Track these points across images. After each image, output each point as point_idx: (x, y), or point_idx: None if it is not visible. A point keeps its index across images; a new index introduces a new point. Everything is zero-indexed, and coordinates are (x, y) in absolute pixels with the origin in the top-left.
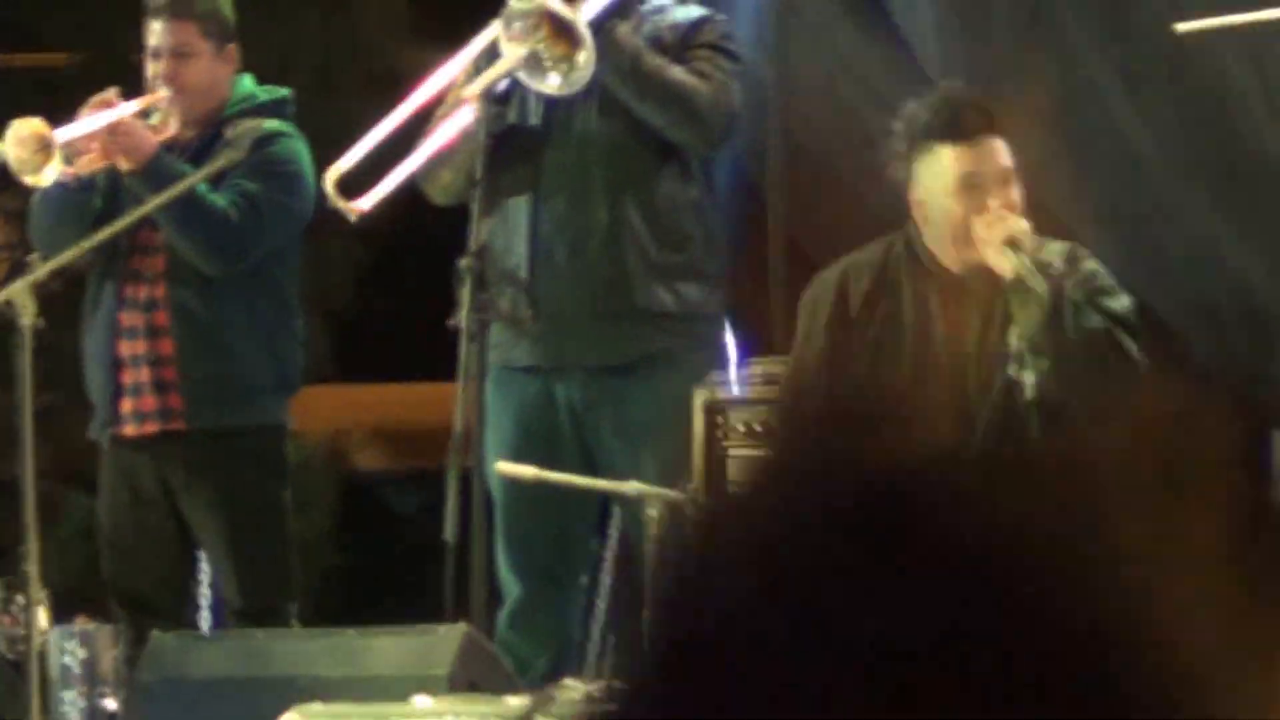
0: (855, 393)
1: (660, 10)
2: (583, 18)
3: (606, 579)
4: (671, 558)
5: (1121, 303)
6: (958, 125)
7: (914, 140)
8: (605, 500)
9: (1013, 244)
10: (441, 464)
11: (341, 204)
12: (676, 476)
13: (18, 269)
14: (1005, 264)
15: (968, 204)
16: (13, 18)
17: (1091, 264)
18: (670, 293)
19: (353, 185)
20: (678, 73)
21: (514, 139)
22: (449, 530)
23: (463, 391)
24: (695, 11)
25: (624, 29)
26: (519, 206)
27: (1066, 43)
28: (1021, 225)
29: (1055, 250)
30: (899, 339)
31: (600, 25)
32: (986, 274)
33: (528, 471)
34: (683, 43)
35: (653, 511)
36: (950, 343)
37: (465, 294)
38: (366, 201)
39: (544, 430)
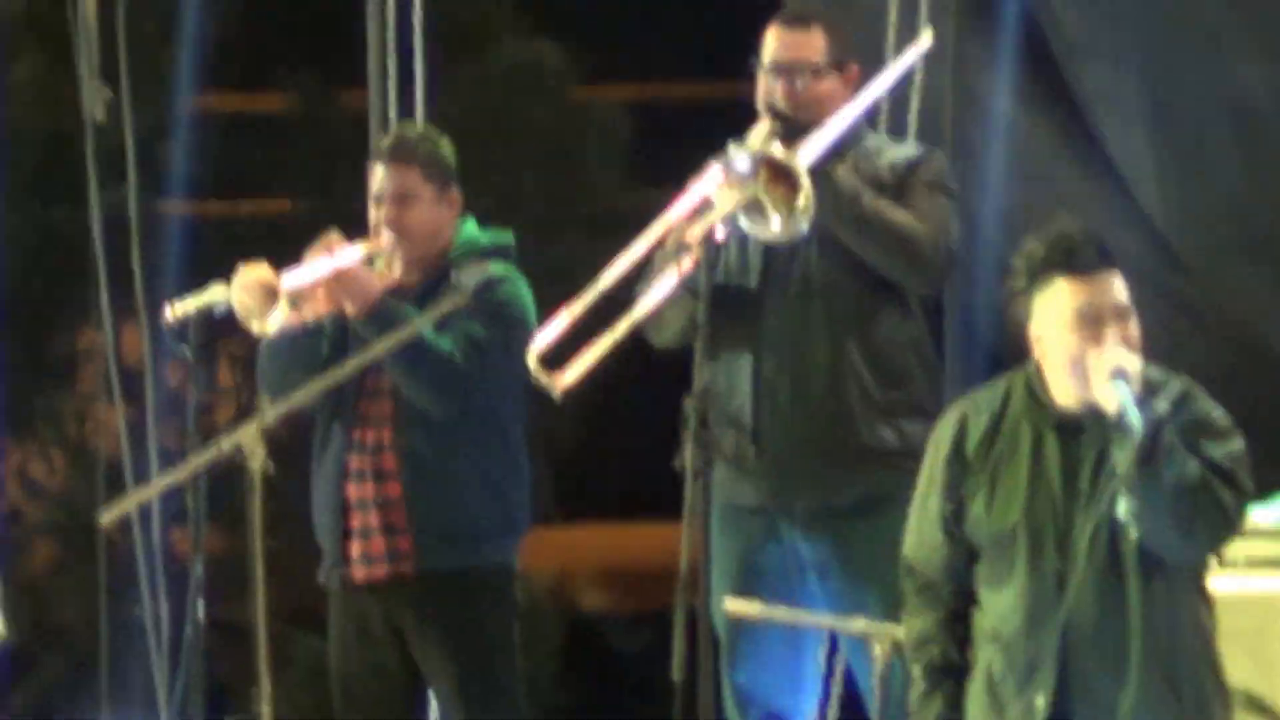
0: None
1: (877, 149)
2: (801, 161)
3: (833, 716)
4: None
5: (1228, 449)
6: (1075, 259)
7: (1033, 275)
8: (832, 637)
9: (1120, 376)
10: (667, 603)
11: (545, 380)
12: (894, 613)
13: (245, 413)
14: (1110, 397)
15: (1084, 338)
16: (237, 165)
17: (1205, 405)
18: (893, 430)
19: (559, 352)
20: (896, 213)
21: (735, 281)
22: (676, 669)
23: (688, 531)
24: (912, 150)
25: (842, 170)
26: (741, 348)
27: None
28: (1133, 361)
29: (1170, 388)
30: (1015, 480)
31: (819, 168)
32: (1100, 410)
33: (754, 609)
34: (900, 182)
35: (878, 648)
36: (1064, 482)
37: (690, 434)
38: (571, 375)
39: (769, 568)
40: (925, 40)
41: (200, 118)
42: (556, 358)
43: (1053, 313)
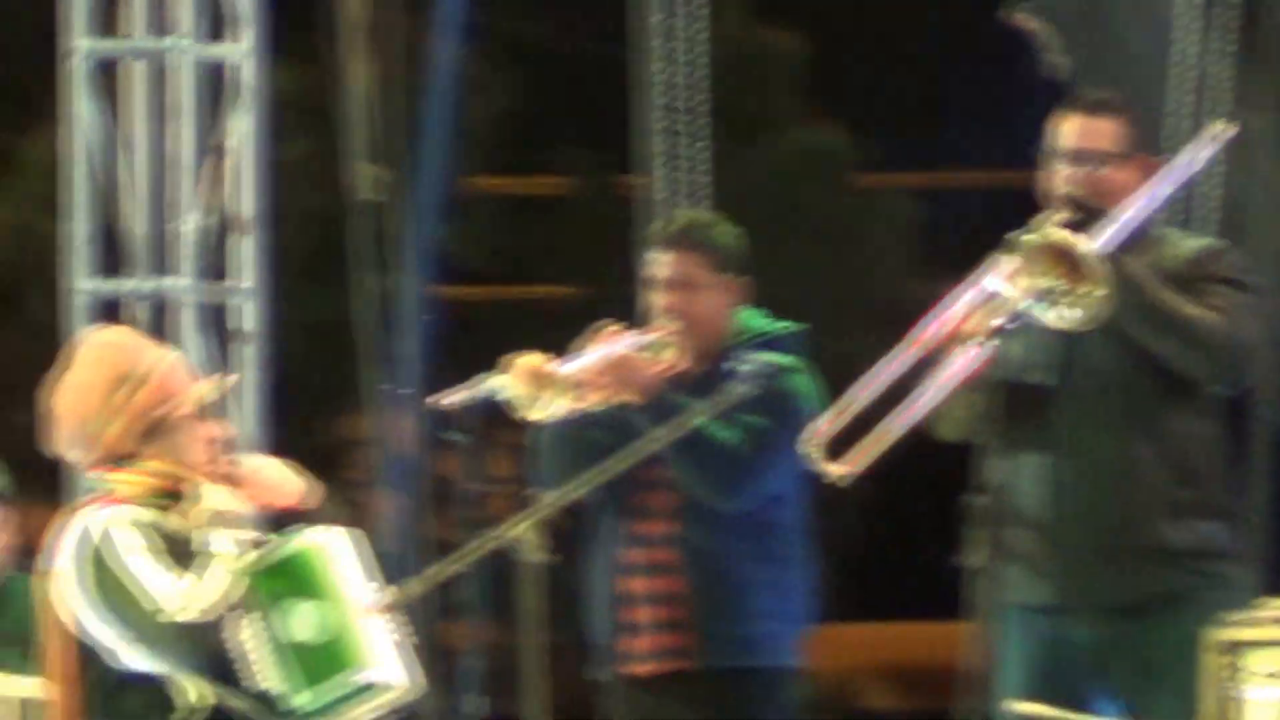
0: None
1: (1170, 241)
2: (1093, 250)
3: None
4: None
5: None
6: None
7: None
8: None
9: None
10: (951, 704)
11: (826, 468)
12: (1192, 717)
13: (520, 504)
14: None
15: None
16: (511, 249)
17: None
18: (1187, 530)
19: (843, 441)
20: (1188, 306)
21: (1023, 376)
22: None
23: (972, 631)
24: (1205, 242)
25: (1133, 262)
26: (1030, 445)
27: None
28: None
29: None
30: None
31: (1115, 258)
32: None
33: (1042, 711)
34: (1193, 275)
35: None
36: None
37: (977, 532)
38: (852, 464)
39: (1058, 670)
40: (1222, 129)
41: (474, 201)
42: (837, 448)
43: None
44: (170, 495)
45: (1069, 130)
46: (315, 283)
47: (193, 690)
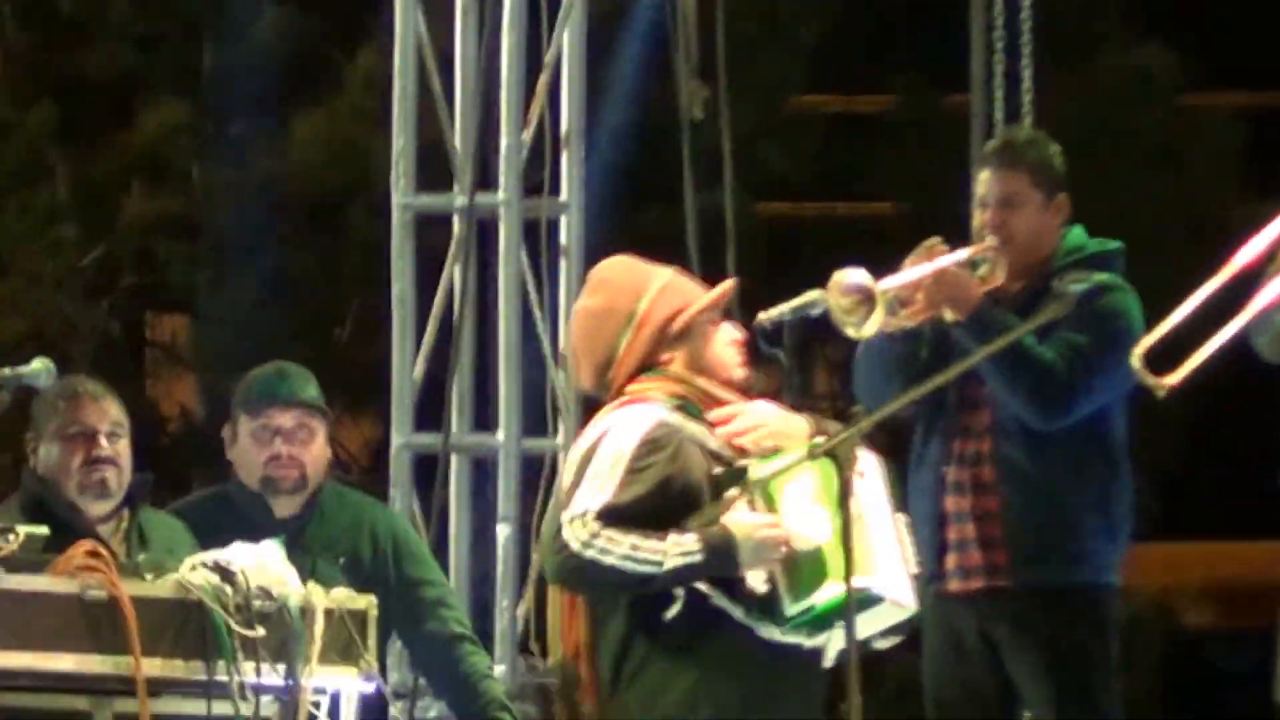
0: None
1: None
2: None
3: None
4: None
5: None
6: None
7: None
8: None
9: None
10: (1273, 621)
11: (1150, 379)
12: None
13: (842, 419)
14: None
15: None
16: (836, 167)
17: None
18: None
19: (1164, 356)
20: None
21: None
22: (1278, 691)
23: None
24: None
25: None
26: None
27: None
28: None
29: None
30: None
31: None
32: None
33: None
34: None
35: None
36: None
37: None
38: (1177, 375)
39: None
40: None
41: (800, 119)
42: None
43: None
44: (693, 405)
45: None
46: (642, 199)
47: None
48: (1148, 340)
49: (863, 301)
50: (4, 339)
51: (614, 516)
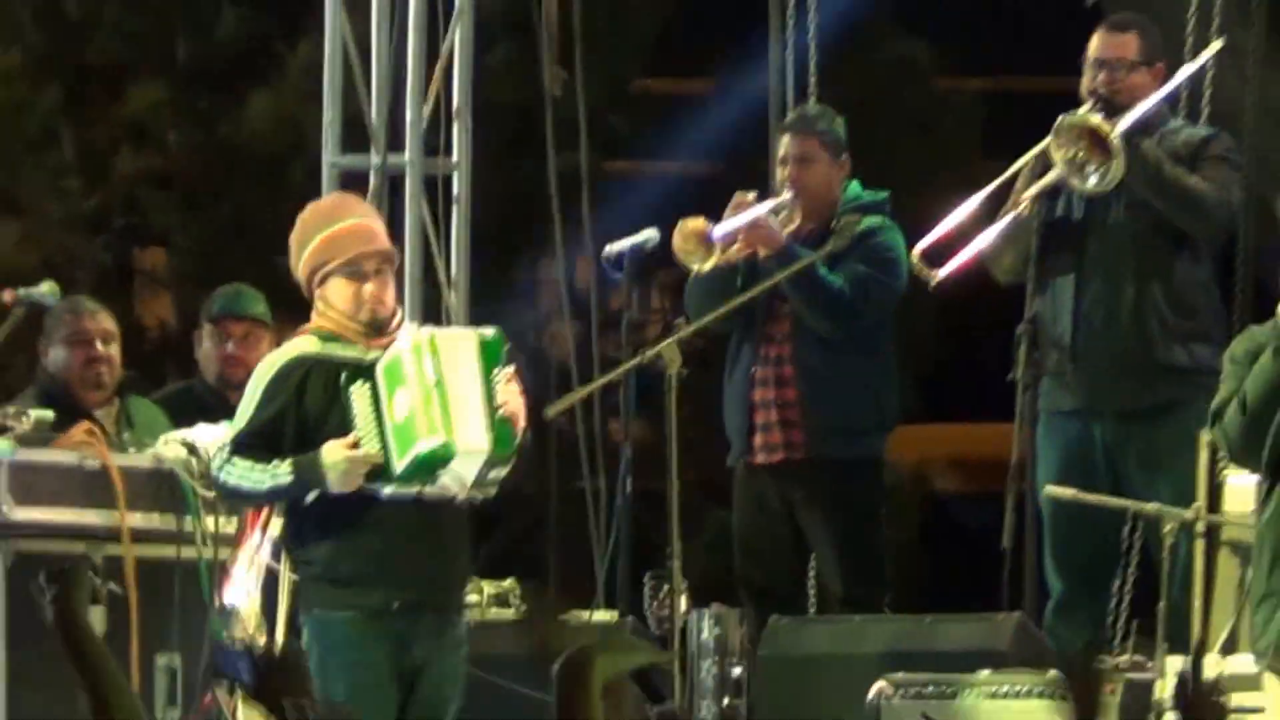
0: None
1: (1176, 129)
2: (1116, 132)
3: (1130, 581)
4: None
5: None
6: None
7: None
8: (1132, 516)
9: None
10: (1003, 488)
11: (924, 272)
12: (1187, 500)
13: (667, 329)
14: None
15: None
16: (668, 135)
17: None
18: (1185, 351)
19: (935, 257)
20: (1189, 178)
21: (1061, 229)
22: (1006, 540)
23: (1018, 430)
24: (1204, 131)
25: (1148, 143)
26: (1064, 285)
27: None
28: None
29: None
30: None
31: (1129, 139)
32: None
33: (1069, 493)
34: (1195, 155)
35: (1168, 527)
36: None
37: (1021, 353)
38: (943, 271)
39: (1082, 461)
40: (1216, 45)
41: (639, 96)
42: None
43: None
44: (332, 335)
45: (1099, 43)
46: (515, 159)
47: None
48: (923, 242)
49: (700, 243)
50: (22, 268)
51: (240, 443)
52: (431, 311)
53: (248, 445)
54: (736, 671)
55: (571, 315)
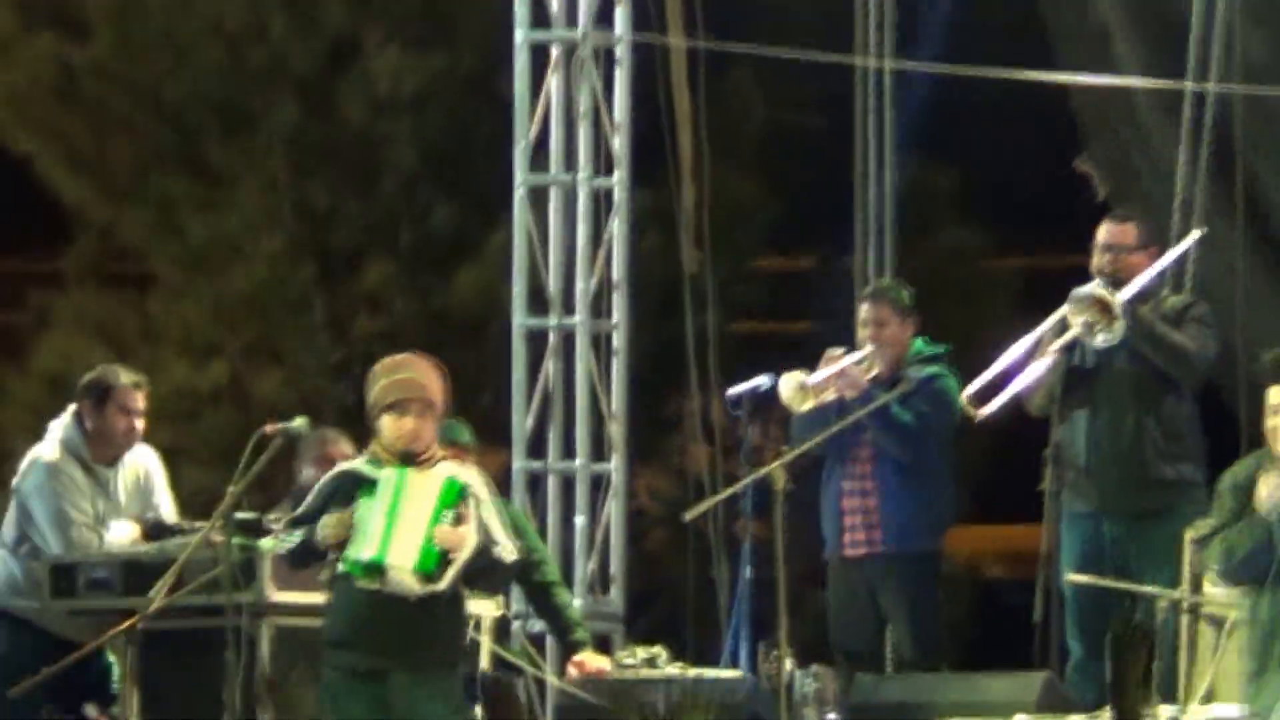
0: None
1: (1165, 296)
2: (1119, 300)
3: None
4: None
5: None
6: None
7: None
8: (1133, 596)
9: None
10: (1034, 575)
11: (970, 410)
12: (1175, 583)
13: (777, 454)
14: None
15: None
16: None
17: None
18: (1173, 469)
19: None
20: (1176, 335)
21: (1077, 375)
22: (1037, 614)
23: (1046, 529)
24: (1187, 298)
25: (1144, 310)
26: (1080, 417)
27: None
28: None
29: None
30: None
31: (1129, 306)
32: None
33: (1086, 579)
34: (1179, 317)
35: (1161, 604)
36: None
37: (1048, 469)
38: (987, 410)
39: (1095, 553)
40: (1196, 233)
41: (758, 272)
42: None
43: (1270, 410)
44: (380, 459)
45: (1105, 232)
46: (660, 326)
47: None
48: (971, 387)
49: (801, 389)
50: (281, 405)
51: (296, 522)
52: (595, 441)
53: (302, 522)
54: (831, 717)
55: (705, 441)
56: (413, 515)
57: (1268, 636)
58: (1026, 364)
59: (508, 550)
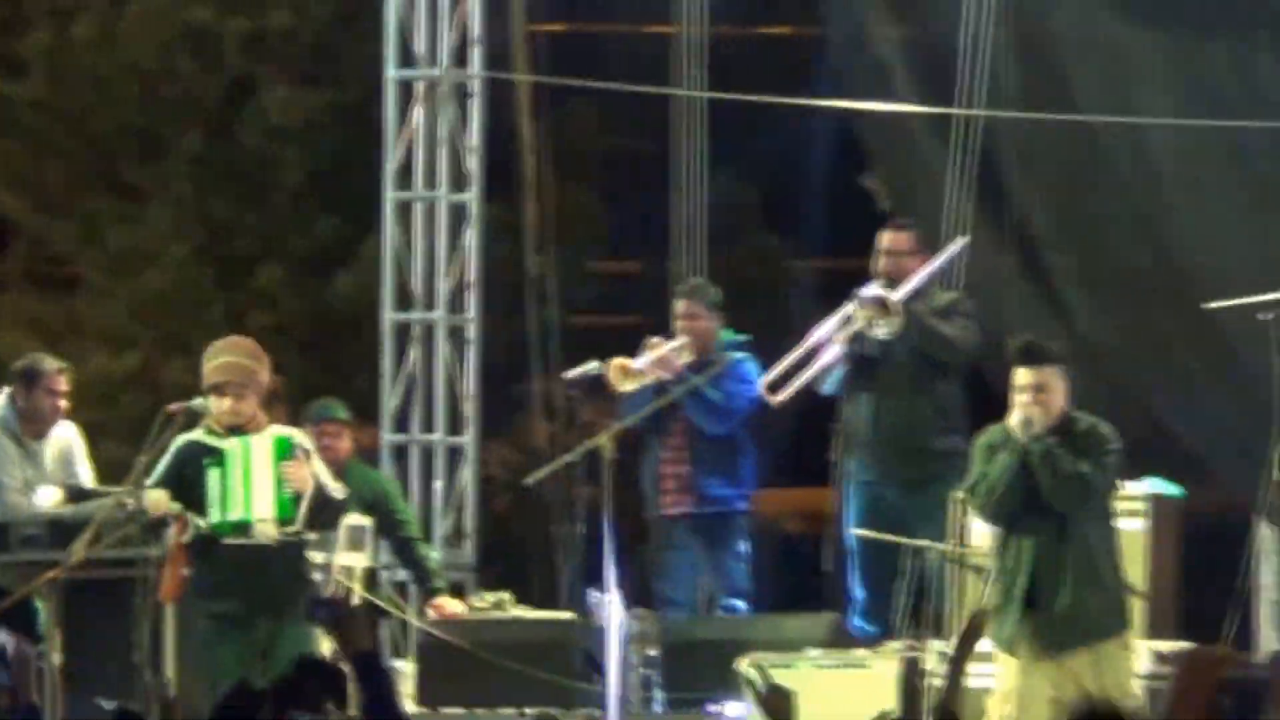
0: None
1: (936, 294)
2: (896, 299)
3: (909, 590)
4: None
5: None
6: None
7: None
8: (910, 549)
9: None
10: (824, 532)
11: (768, 397)
12: (945, 537)
13: (604, 428)
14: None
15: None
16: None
17: (1101, 432)
18: (943, 440)
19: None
20: (946, 328)
21: (862, 362)
22: (825, 563)
23: (834, 491)
24: (955, 295)
25: (918, 306)
26: (865, 398)
27: None
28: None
29: (1084, 423)
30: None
31: (906, 304)
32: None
33: (870, 534)
34: (947, 311)
35: (934, 555)
36: None
37: (837, 444)
38: (783, 395)
39: (876, 513)
40: (961, 240)
41: (593, 273)
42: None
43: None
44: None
45: (885, 238)
46: (508, 317)
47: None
48: (767, 376)
49: (626, 373)
50: (189, 389)
51: (156, 484)
52: (452, 417)
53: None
54: (651, 653)
55: (545, 418)
56: (262, 474)
57: (1010, 576)
58: (818, 352)
59: (336, 490)
